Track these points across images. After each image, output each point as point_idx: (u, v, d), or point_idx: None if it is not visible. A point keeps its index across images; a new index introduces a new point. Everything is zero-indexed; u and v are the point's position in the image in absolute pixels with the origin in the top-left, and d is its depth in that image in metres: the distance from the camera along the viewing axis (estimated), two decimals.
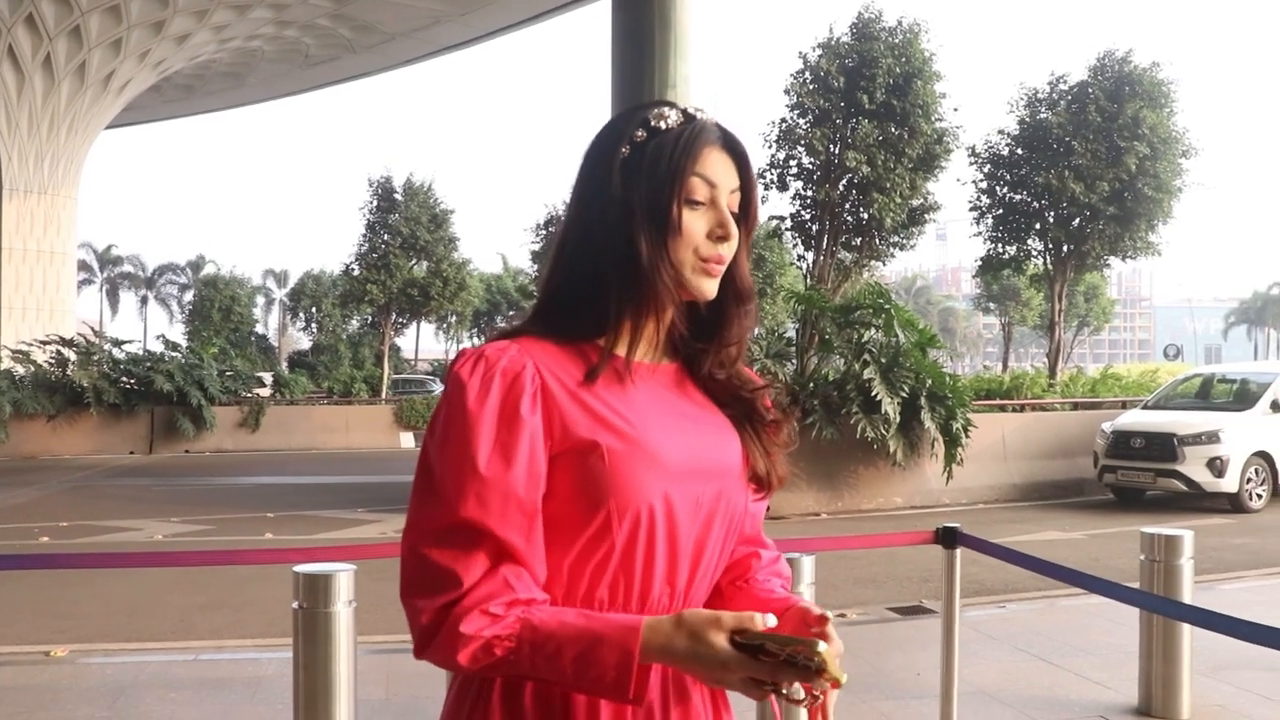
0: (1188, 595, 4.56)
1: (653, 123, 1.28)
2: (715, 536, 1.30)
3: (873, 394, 11.79)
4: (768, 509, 1.47)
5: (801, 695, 1.10)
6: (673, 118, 1.29)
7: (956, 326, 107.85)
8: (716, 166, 1.28)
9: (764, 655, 1.07)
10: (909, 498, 12.47)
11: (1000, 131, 19.02)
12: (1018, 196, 18.83)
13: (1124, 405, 15.22)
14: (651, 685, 1.22)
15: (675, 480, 1.24)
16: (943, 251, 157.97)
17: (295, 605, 3.54)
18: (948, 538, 3.72)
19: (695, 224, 1.27)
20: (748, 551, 1.42)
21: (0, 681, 5.19)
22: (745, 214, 1.32)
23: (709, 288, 1.29)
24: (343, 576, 3.55)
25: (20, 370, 21.42)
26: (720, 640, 1.08)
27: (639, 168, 1.27)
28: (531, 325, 1.30)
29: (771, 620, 1.09)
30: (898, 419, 11.81)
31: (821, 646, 1.05)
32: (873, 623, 6.47)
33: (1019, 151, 18.68)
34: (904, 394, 11.88)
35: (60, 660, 5.58)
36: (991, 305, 41.24)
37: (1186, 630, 4.63)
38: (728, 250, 1.28)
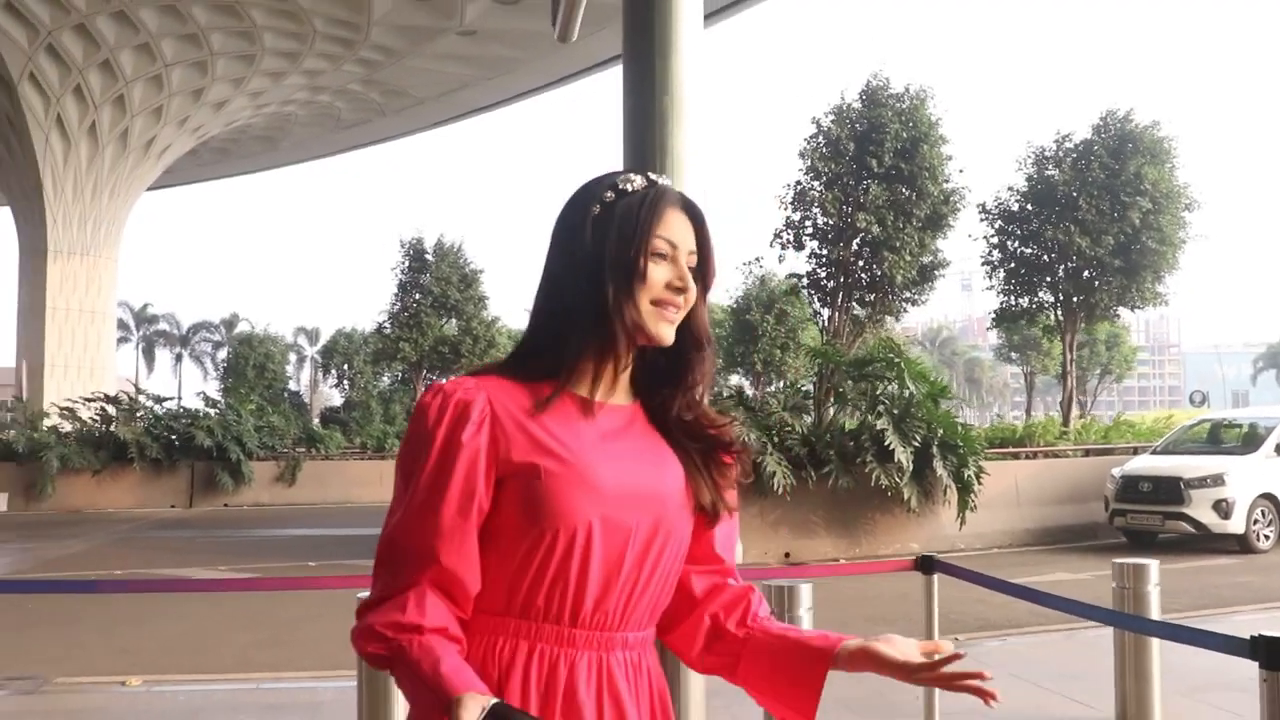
0: (1154, 617, 5.03)
1: (620, 185, 1.42)
2: (652, 560, 1.39)
3: (886, 444, 12.25)
4: (786, 555, 1.80)
5: None
6: (637, 182, 1.43)
7: (982, 376, 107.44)
8: (676, 227, 1.42)
9: None
10: (925, 543, 12.83)
11: (1010, 188, 19.69)
12: (1028, 250, 19.44)
13: (1135, 451, 15.56)
14: (583, 699, 1.34)
15: (610, 504, 1.35)
16: (968, 302, 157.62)
17: None
18: (926, 565, 4.24)
19: (657, 274, 1.40)
20: (737, 590, 1.52)
21: (86, 705, 5.78)
22: (703, 271, 1.45)
23: (667, 332, 1.41)
24: None
25: (67, 426, 22.13)
26: None
27: (609, 224, 1.40)
28: (501, 365, 1.45)
29: None
30: (911, 467, 12.24)
31: None
32: None
33: (1028, 207, 19.30)
34: (916, 443, 12.34)
35: (136, 689, 6.13)
36: (1013, 355, 41.52)
37: (1156, 650, 5.11)
38: (684, 301, 1.42)
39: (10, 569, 11.91)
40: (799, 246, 16.31)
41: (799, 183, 16.21)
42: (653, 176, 1.45)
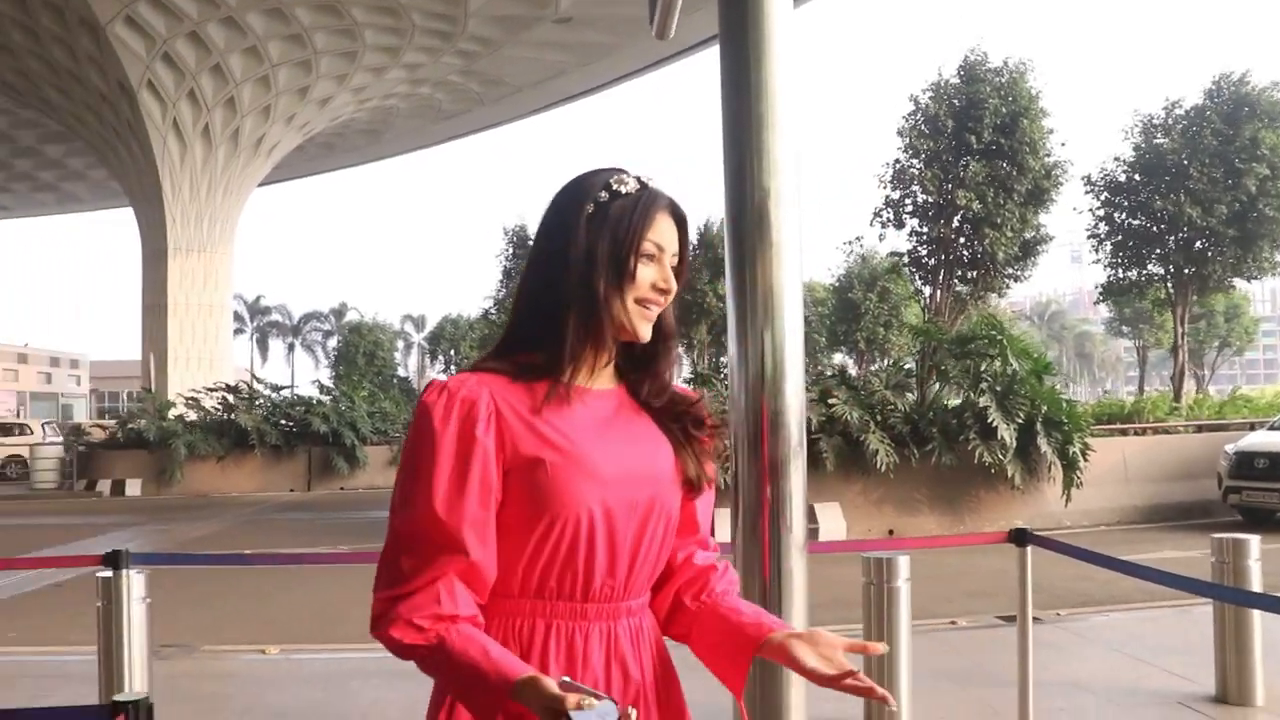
0: (1255, 590, 5.05)
1: (614, 186, 1.48)
2: (650, 534, 1.48)
3: (989, 421, 12.21)
4: (890, 531, 1.86)
5: None
6: (631, 184, 1.48)
7: (1094, 351, 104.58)
8: (665, 231, 1.49)
9: None
10: (1030, 520, 12.71)
11: (1116, 159, 19.24)
12: (1136, 222, 18.99)
13: (1251, 427, 15.11)
14: (595, 666, 1.44)
15: (610, 488, 1.43)
16: (1078, 274, 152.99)
17: None
18: (1020, 538, 4.37)
19: (645, 275, 1.47)
20: (704, 563, 1.60)
21: (230, 670, 6.26)
22: (678, 274, 1.52)
23: (646, 330, 1.50)
24: None
25: (191, 415, 23.32)
26: None
27: (603, 223, 1.46)
28: (492, 359, 1.49)
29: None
30: (1014, 444, 12.18)
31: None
32: (981, 628, 7.05)
33: (1136, 178, 18.84)
34: (1020, 420, 12.26)
35: (274, 656, 6.61)
36: (1125, 329, 40.44)
37: (1258, 624, 5.13)
38: (664, 300, 1.51)
39: (153, 548, 12.68)
40: (899, 225, 16.25)
41: (898, 161, 16.13)
42: (644, 179, 1.50)
